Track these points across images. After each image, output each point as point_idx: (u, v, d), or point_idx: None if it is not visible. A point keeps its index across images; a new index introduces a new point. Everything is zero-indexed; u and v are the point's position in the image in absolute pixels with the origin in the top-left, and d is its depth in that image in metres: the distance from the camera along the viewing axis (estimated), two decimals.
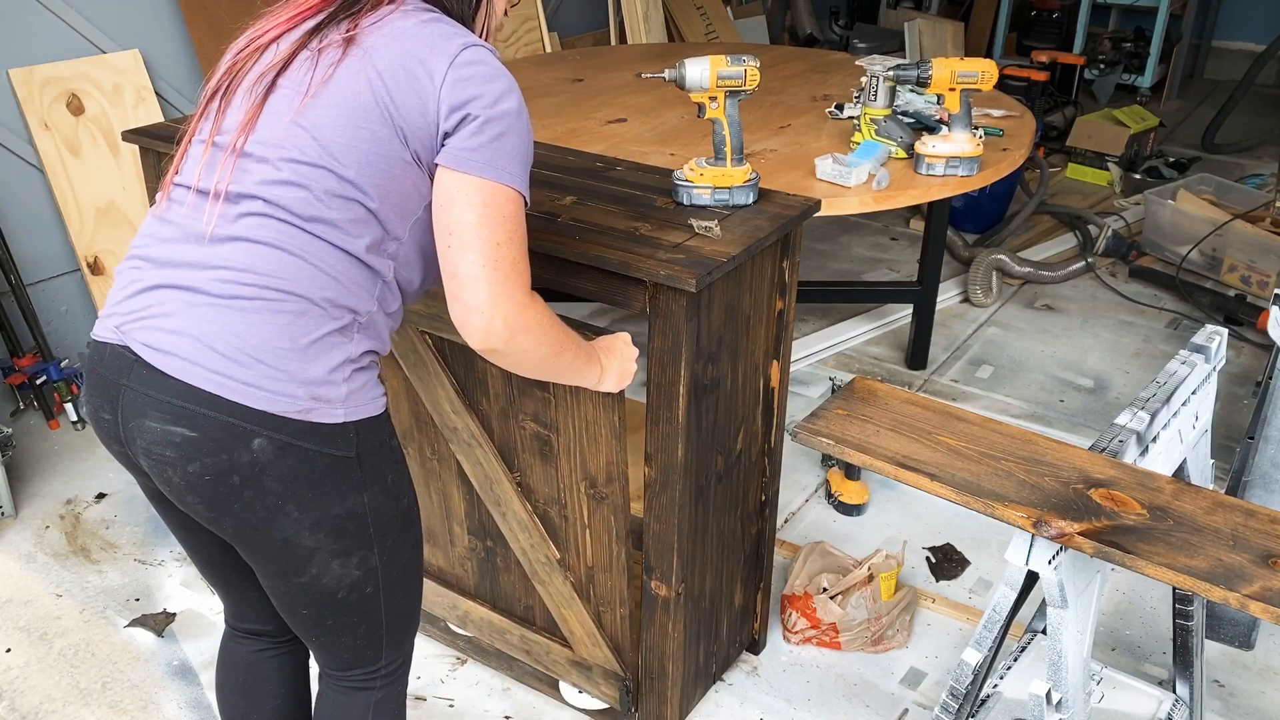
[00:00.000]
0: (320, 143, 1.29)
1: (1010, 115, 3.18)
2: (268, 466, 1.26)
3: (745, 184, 1.91)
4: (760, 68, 1.88)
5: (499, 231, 1.31)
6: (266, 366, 1.25)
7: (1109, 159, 5.04)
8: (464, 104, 1.30)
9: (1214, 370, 1.71)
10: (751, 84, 1.87)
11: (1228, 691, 2.24)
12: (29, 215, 3.11)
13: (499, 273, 1.32)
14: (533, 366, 1.45)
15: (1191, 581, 1.23)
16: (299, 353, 1.27)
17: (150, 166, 2.23)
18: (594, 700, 2.12)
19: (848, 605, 2.28)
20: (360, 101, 1.29)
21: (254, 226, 1.28)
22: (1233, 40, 6.75)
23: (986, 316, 3.85)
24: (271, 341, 1.26)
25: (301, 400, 1.27)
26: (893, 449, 1.47)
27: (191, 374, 1.25)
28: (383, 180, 1.31)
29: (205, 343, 1.25)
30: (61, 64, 3.10)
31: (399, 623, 1.51)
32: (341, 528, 1.34)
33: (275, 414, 1.25)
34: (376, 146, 1.29)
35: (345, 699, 1.55)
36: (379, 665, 1.53)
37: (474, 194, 1.31)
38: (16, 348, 3.04)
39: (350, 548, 1.36)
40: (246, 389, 1.25)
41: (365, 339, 1.36)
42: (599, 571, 1.95)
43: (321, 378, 1.28)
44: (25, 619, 2.39)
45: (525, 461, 1.93)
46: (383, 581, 1.43)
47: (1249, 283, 3.86)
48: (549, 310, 1.43)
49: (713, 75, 1.85)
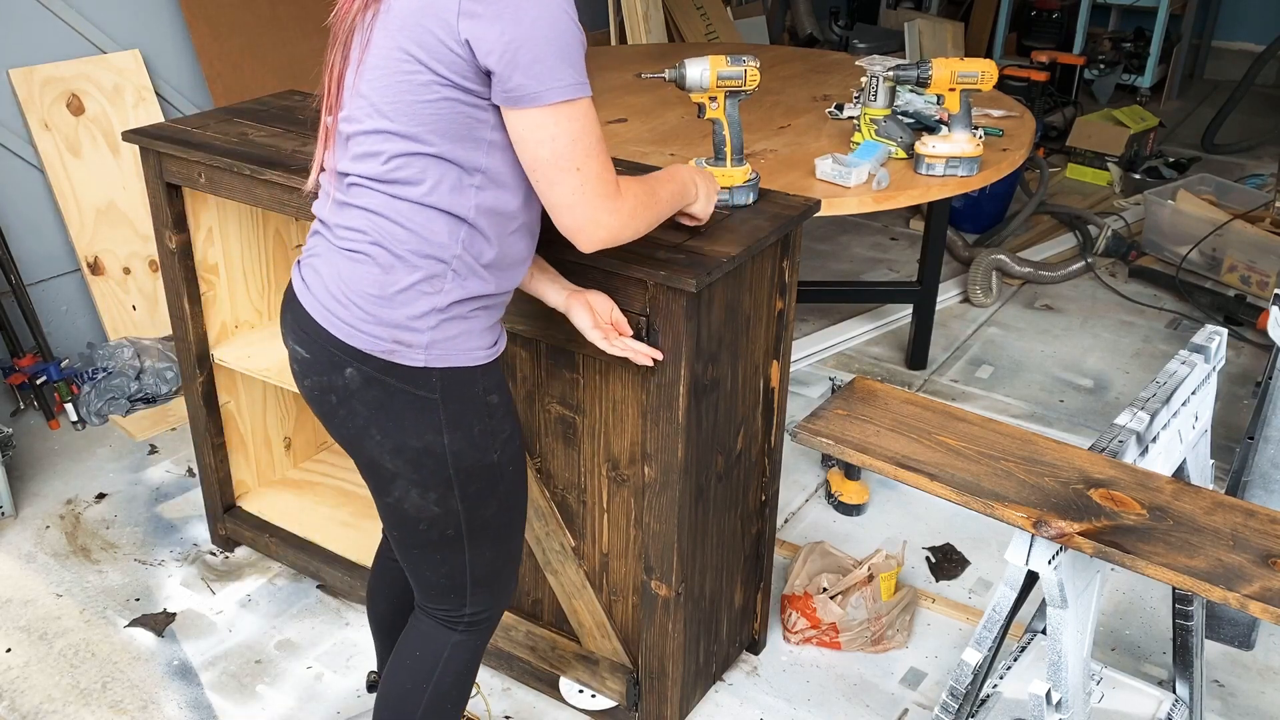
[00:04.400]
0: (375, 106, 1.39)
1: (1010, 115, 3.18)
2: (356, 392, 1.46)
3: (745, 184, 1.90)
4: (760, 68, 1.88)
5: (575, 155, 1.36)
6: (359, 309, 1.43)
7: (1109, 159, 5.04)
8: (487, 36, 1.30)
9: (1214, 370, 1.71)
10: (752, 84, 1.85)
11: (1228, 691, 2.24)
12: (29, 215, 3.11)
13: (586, 196, 1.38)
14: (644, 231, 1.52)
15: (1191, 581, 1.24)
16: (386, 300, 1.42)
17: (150, 166, 2.23)
18: (594, 700, 2.12)
19: (848, 605, 2.28)
20: (392, 57, 1.35)
21: (355, 195, 1.45)
22: (1232, 40, 6.75)
23: (986, 316, 3.85)
24: (365, 288, 1.43)
25: (385, 342, 1.43)
26: (893, 449, 1.47)
27: (313, 307, 1.48)
28: (435, 124, 1.36)
29: (325, 284, 1.46)
30: (62, 64, 3.10)
31: (486, 574, 1.61)
32: (419, 460, 1.47)
33: (363, 350, 1.44)
34: (417, 93, 1.35)
35: (427, 629, 1.66)
36: (463, 610, 1.63)
37: (536, 128, 1.35)
38: (16, 348, 3.04)
39: (428, 481, 1.49)
40: (343, 325, 1.44)
41: (459, 288, 1.43)
42: (614, 558, 1.96)
43: (404, 323, 1.42)
44: (25, 619, 2.39)
45: (547, 446, 1.95)
46: (466, 528, 1.54)
47: (1249, 283, 3.86)
48: (638, 188, 1.49)
49: (713, 75, 1.84)
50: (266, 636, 2.35)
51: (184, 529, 2.69)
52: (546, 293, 1.69)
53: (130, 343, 3.18)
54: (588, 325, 1.66)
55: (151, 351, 3.20)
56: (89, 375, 3.10)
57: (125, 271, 3.28)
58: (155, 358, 3.19)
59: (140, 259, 3.29)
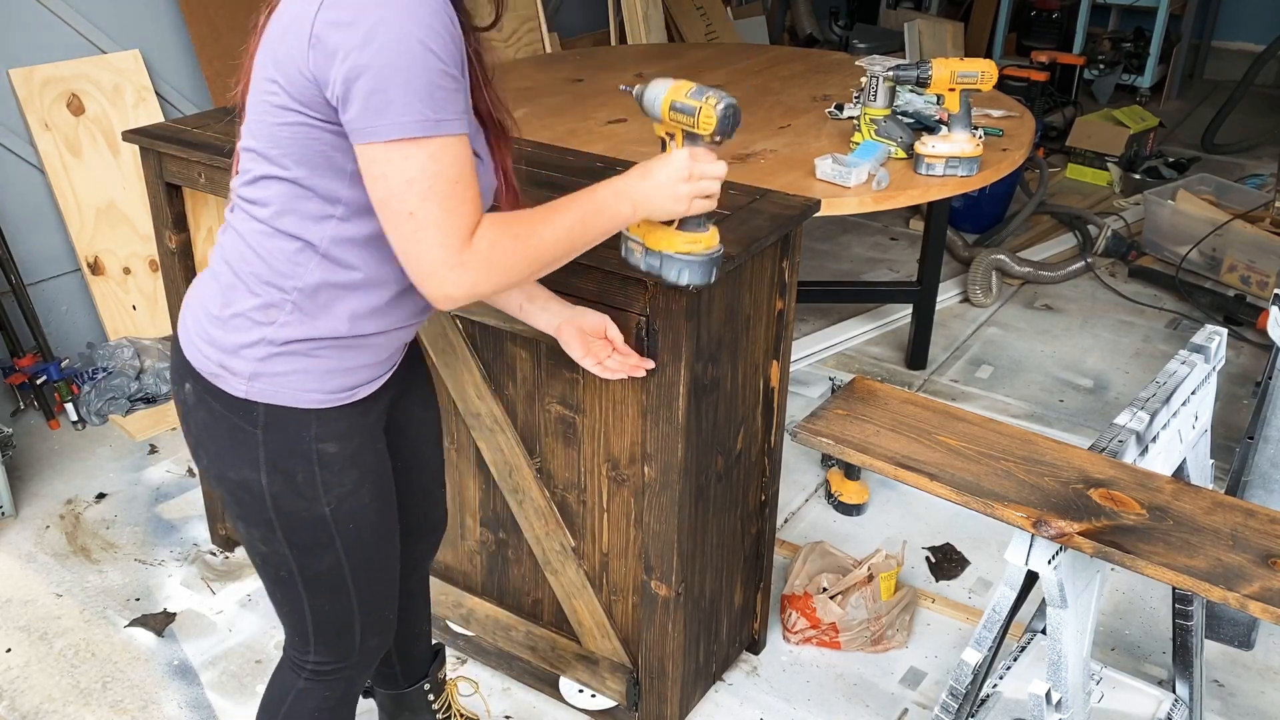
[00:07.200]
0: (247, 125, 1.33)
1: (1010, 115, 3.18)
2: (191, 409, 1.43)
3: (689, 257, 1.49)
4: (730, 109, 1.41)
5: (409, 198, 1.21)
6: (200, 325, 1.40)
7: (1109, 159, 5.04)
8: (330, 64, 1.19)
9: (1214, 370, 1.71)
10: (705, 127, 1.41)
11: (1228, 691, 2.24)
12: (29, 215, 3.11)
13: (422, 246, 1.22)
14: (523, 280, 1.33)
15: (1191, 581, 1.24)
16: (221, 321, 1.37)
17: (150, 166, 2.23)
18: (594, 699, 2.12)
19: (848, 605, 2.28)
20: (260, 75, 1.28)
21: (232, 210, 1.40)
22: (1232, 40, 6.75)
23: (986, 316, 3.85)
24: (207, 305, 1.39)
25: (212, 364, 1.38)
26: (893, 449, 1.47)
27: (180, 313, 1.46)
28: (291, 148, 1.27)
29: (191, 292, 1.45)
30: (62, 64, 3.10)
31: (329, 627, 1.51)
32: (237, 494, 1.42)
33: (194, 366, 1.40)
34: (274, 115, 1.26)
35: (280, 666, 1.60)
36: (307, 656, 1.54)
37: (370, 164, 1.22)
38: (17, 348, 3.04)
39: (249, 517, 1.43)
40: (185, 337, 1.42)
41: (300, 323, 1.33)
42: (613, 558, 1.96)
43: (231, 348, 1.36)
44: (25, 619, 2.39)
45: (547, 446, 1.95)
46: (299, 575, 1.46)
47: (1249, 283, 3.86)
48: (509, 229, 1.28)
49: (665, 104, 1.45)
50: (266, 636, 2.35)
51: (184, 529, 2.69)
52: (537, 320, 1.66)
53: (130, 343, 3.18)
54: (579, 355, 1.66)
55: (151, 351, 3.20)
56: (89, 375, 3.10)
57: (125, 271, 3.28)
58: (155, 358, 3.19)
59: (140, 259, 3.29)
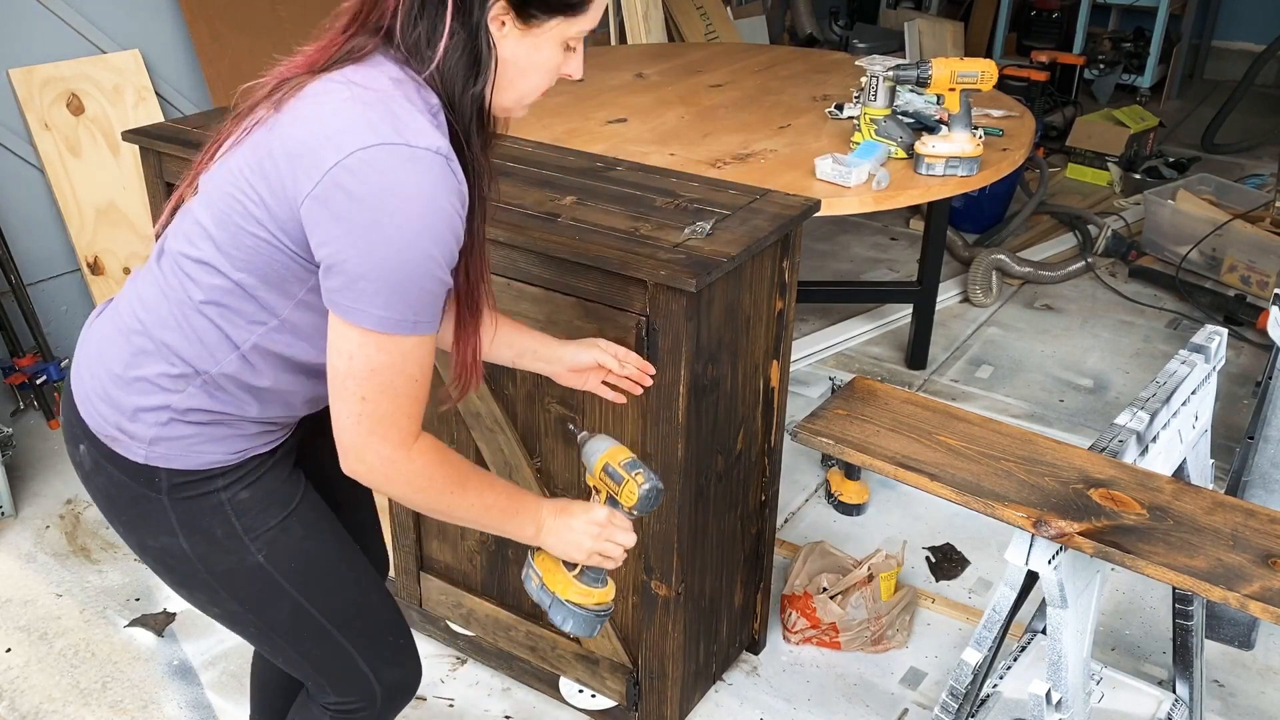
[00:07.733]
0: (210, 206, 1.23)
1: (1010, 115, 3.18)
2: (90, 474, 1.33)
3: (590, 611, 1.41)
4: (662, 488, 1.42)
5: (365, 385, 1.18)
6: (99, 381, 1.29)
7: (1109, 159, 5.04)
8: (330, 229, 1.14)
9: (1214, 370, 1.71)
10: (626, 501, 1.39)
11: (1228, 691, 2.24)
12: (29, 215, 3.11)
13: (362, 427, 1.20)
14: (416, 508, 1.31)
15: (1191, 581, 1.24)
16: (124, 382, 1.28)
17: (150, 166, 2.23)
18: (594, 699, 2.12)
19: (847, 605, 2.28)
20: (243, 173, 1.20)
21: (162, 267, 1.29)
22: (1232, 40, 6.75)
23: (986, 316, 3.85)
24: (111, 364, 1.29)
25: (109, 426, 1.28)
26: (893, 449, 1.47)
27: (75, 363, 1.34)
28: (249, 257, 1.21)
29: (90, 343, 1.33)
30: (61, 64, 3.10)
31: (327, 668, 1.44)
32: (164, 562, 1.34)
33: (89, 427, 1.30)
34: (244, 221, 1.20)
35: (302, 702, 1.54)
36: (328, 699, 1.48)
37: (340, 337, 1.18)
38: (17, 348, 3.04)
39: (187, 584, 1.35)
40: (80, 393, 1.31)
41: (207, 398, 1.27)
42: None
43: (130, 412, 1.27)
44: (25, 619, 2.39)
45: (547, 446, 1.95)
46: (269, 629, 1.38)
47: (1249, 283, 3.86)
48: (444, 460, 1.27)
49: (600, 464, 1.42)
50: None
51: None
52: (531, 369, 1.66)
53: None
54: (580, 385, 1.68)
55: None
56: None
57: (125, 271, 3.27)
58: None
59: (140, 259, 3.29)
